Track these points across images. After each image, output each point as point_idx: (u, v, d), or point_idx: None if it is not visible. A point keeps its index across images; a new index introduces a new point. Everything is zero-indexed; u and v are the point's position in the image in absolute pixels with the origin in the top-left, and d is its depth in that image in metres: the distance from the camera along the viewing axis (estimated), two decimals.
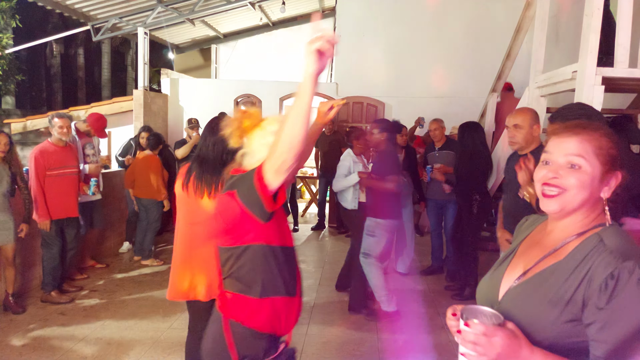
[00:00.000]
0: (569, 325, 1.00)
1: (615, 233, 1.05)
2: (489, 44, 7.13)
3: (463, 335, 0.99)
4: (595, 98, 3.08)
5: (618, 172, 1.07)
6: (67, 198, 4.10)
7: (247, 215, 1.52)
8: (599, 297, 0.95)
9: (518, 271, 1.15)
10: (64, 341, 3.36)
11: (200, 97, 7.99)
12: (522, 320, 1.04)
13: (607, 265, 0.97)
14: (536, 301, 1.05)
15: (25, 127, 8.84)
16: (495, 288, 1.17)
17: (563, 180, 1.05)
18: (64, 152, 4.10)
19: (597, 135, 1.06)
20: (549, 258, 1.09)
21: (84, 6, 7.33)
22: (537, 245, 1.17)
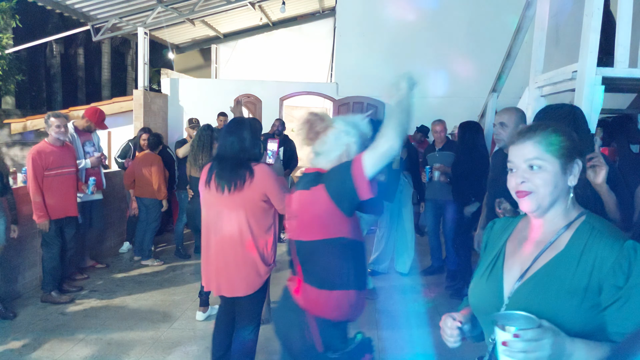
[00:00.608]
0: (592, 312, 1.05)
1: (597, 218, 1.15)
2: (489, 44, 7.13)
3: (511, 346, 0.96)
4: (595, 98, 3.08)
5: (578, 159, 1.15)
6: (65, 198, 4.09)
7: (333, 210, 1.65)
8: (615, 277, 1.03)
9: (517, 271, 1.17)
10: (64, 341, 3.36)
11: (200, 97, 7.99)
12: (544, 315, 1.05)
13: (612, 248, 1.05)
14: (553, 293, 1.08)
15: (25, 127, 8.84)
16: (497, 292, 1.18)
17: (530, 184, 1.13)
18: (61, 152, 4.09)
19: (546, 133, 1.14)
20: (547, 252, 1.13)
21: (84, 6, 7.33)
22: (527, 243, 1.20)
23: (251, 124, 2.51)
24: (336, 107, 7.77)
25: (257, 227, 2.39)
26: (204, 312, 3.80)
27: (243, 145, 2.37)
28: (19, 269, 4.16)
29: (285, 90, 7.88)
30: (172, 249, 5.76)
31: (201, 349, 3.29)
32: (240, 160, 2.36)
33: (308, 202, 1.71)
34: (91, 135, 4.82)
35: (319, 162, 1.79)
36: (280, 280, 4.35)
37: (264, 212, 2.41)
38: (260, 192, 2.37)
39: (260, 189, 2.36)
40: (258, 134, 2.56)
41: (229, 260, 2.41)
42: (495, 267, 1.23)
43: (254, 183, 2.34)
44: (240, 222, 2.37)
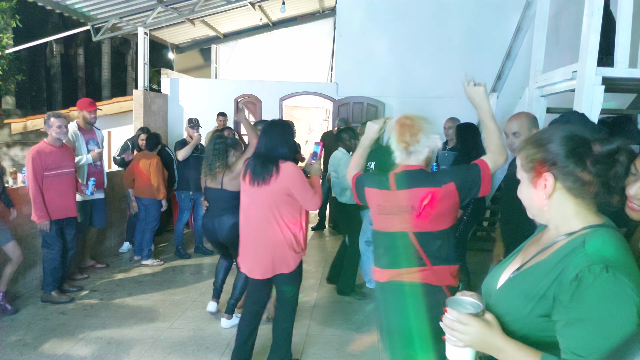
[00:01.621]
0: (541, 320, 1.06)
1: (603, 235, 1.05)
2: (489, 44, 7.13)
3: (444, 320, 1.10)
4: (595, 98, 3.08)
5: (546, 173, 1.09)
6: (65, 198, 4.08)
7: (457, 203, 1.97)
8: (564, 295, 1.00)
9: (516, 265, 1.21)
10: (64, 341, 3.36)
11: (200, 97, 7.99)
12: (504, 310, 1.12)
13: (576, 266, 1.00)
14: (515, 295, 1.12)
15: (26, 127, 8.84)
16: (495, 280, 1.24)
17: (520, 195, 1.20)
18: (60, 152, 4.08)
19: (527, 146, 1.15)
20: (538, 256, 1.15)
21: (84, 6, 7.32)
22: (536, 243, 1.23)
23: (283, 125, 2.79)
24: (336, 107, 7.77)
25: (282, 217, 2.66)
26: (217, 303, 3.86)
27: (273, 145, 2.67)
28: (19, 268, 4.16)
29: (285, 90, 7.88)
30: (172, 249, 5.77)
31: (201, 349, 3.30)
32: (270, 158, 2.65)
33: (440, 197, 1.94)
34: (94, 133, 4.81)
35: (411, 160, 2.04)
36: None
37: (288, 205, 2.67)
38: (284, 187, 2.63)
39: (284, 185, 2.63)
40: (288, 135, 2.77)
41: (261, 245, 2.70)
42: (508, 260, 1.27)
43: (279, 179, 2.62)
44: (267, 212, 2.66)
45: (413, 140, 2.02)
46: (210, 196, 3.64)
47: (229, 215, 3.52)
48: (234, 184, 3.53)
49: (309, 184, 2.71)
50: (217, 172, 3.54)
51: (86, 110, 4.68)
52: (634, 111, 4.40)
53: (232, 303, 3.67)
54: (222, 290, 3.92)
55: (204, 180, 3.67)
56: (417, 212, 1.93)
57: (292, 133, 2.88)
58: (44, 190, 3.94)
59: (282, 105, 7.96)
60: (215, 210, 3.60)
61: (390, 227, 2.01)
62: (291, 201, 2.67)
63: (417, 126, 2.04)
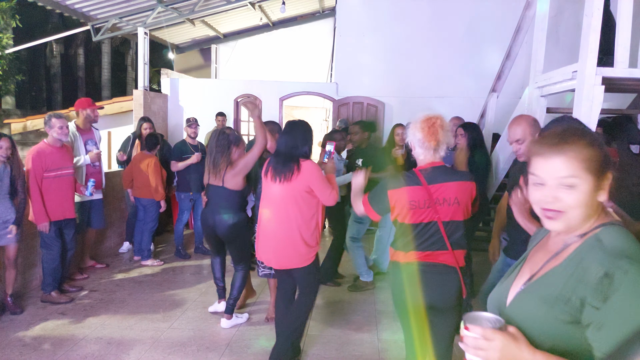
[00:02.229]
0: (569, 327, 1.00)
1: (615, 232, 1.04)
2: (489, 44, 7.13)
3: (465, 340, 1.01)
4: (595, 98, 3.08)
5: (609, 173, 1.05)
6: (64, 199, 4.07)
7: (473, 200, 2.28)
8: (594, 296, 0.95)
9: (525, 276, 1.16)
10: (64, 341, 3.36)
11: (200, 97, 7.99)
12: (524, 324, 1.05)
13: (601, 264, 0.97)
14: (534, 305, 1.06)
15: (26, 127, 8.84)
16: (504, 294, 1.18)
17: (562, 204, 1.04)
18: (60, 153, 4.07)
19: (581, 146, 1.04)
20: (552, 261, 1.10)
21: (84, 6, 7.33)
22: (542, 250, 1.18)
23: (303, 125, 2.92)
24: (336, 107, 7.77)
25: (301, 213, 2.82)
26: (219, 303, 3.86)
27: (294, 144, 2.83)
28: (19, 269, 4.16)
29: (285, 90, 7.88)
30: (172, 249, 5.76)
31: (201, 349, 3.30)
32: (292, 156, 2.81)
33: (467, 191, 2.23)
34: (93, 134, 4.80)
35: (436, 157, 2.24)
36: None
37: (308, 201, 2.83)
38: (305, 184, 2.79)
39: (305, 182, 2.79)
40: (309, 134, 2.93)
41: (279, 238, 2.85)
42: (513, 272, 1.23)
43: (300, 176, 2.78)
44: (288, 207, 2.81)
45: (444, 139, 2.21)
46: (212, 192, 3.62)
47: (229, 214, 3.51)
48: (235, 181, 3.51)
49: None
50: (221, 169, 3.53)
51: (89, 108, 4.68)
52: (634, 111, 4.40)
53: (231, 303, 3.67)
54: (226, 289, 3.88)
55: (207, 176, 3.65)
56: (456, 203, 2.19)
57: (312, 133, 3.00)
58: (43, 191, 3.92)
59: (282, 105, 7.96)
60: (215, 207, 3.57)
61: (421, 218, 2.19)
62: (310, 197, 2.82)
63: (446, 126, 2.23)
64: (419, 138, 2.21)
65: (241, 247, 3.66)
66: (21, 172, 3.84)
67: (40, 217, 3.90)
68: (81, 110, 4.67)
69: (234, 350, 3.29)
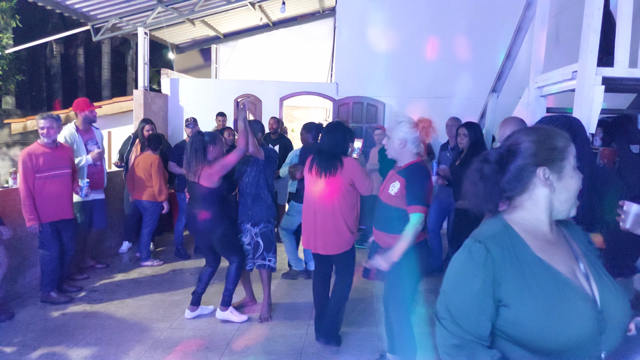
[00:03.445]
0: None
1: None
2: (489, 44, 7.13)
3: None
4: (595, 98, 3.08)
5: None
6: (58, 200, 4.03)
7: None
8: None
9: (580, 270, 1.23)
10: (64, 341, 3.36)
11: (200, 97, 7.99)
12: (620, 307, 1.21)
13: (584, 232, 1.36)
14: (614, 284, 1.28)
15: (26, 127, 8.84)
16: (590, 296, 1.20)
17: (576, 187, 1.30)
18: (54, 153, 4.02)
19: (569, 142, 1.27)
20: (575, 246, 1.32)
21: (84, 6, 7.32)
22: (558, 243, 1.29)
23: (342, 127, 3.25)
24: (336, 107, 7.77)
25: (346, 203, 3.15)
26: (192, 311, 3.83)
27: (336, 143, 3.15)
28: (19, 269, 4.16)
29: (285, 90, 7.88)
30: (172, 249, 5.76)
31: (201, 349, 3.30)
32: (334, 154, 3.14)
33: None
34: (93, 133, 4.79)
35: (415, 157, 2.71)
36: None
37: (349, 193, 3.16)
38: (348, 178, 3.12)
39: (348, 176, 3.12)
40: (346, 134, 3.24)
41: (324, 227, 3.18)
42: (567, 276, 1.15)
43: (344, 171, 3.11)
44: (334, 199, 3.14)
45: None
46: (191, 190, 3.73)
47: (203, 210, 3.60)
48: (210, 180, 3.56)
49: None
50: (197, 169, 3.58)
51: (87, 110, 4.67)
52: (634, 111, 4.39)
53: (226, 295, 3.73)
54: (201, 299, 3.87)
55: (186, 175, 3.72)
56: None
57: (349, 132, 3.30)
58: (36, 192, 3.89)
59: (282, 105, 7.96)
60: (192, 203, 3.71)
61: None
62: (352, 189, 3.16)
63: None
64: (416, 137, 2.61)
65: (224, 241, 3.68)
66: None
67: (30, 218, 3.86)
68: (79, 112, 4.65)
69: (234, 350, 3.29)
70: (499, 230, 1.18)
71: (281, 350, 3.30)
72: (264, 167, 3.74)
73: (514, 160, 1.19)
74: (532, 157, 1.17)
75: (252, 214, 3.74)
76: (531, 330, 1.06)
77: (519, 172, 1.18)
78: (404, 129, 2.66)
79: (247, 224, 3.76)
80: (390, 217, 2.70)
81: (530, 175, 1.18)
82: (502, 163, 1.21)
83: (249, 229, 3.76)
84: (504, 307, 1.10)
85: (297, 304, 4.17)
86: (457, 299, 1.13)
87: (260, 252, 3.77)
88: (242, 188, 3.78)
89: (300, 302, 4.22)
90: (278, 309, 4.04)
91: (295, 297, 4.34)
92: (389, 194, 2.71)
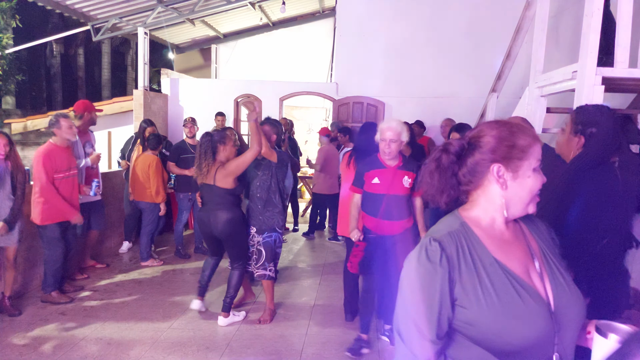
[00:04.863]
0: None
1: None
2: (489, 44, 7.13)
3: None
4: (595, 98, 3.08)
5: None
6: (70, 200, 4.06)
7: None
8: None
9: (536, 267, 1.23)
10: (64, 341, 3.36)
11: (200, 97, 7.99)
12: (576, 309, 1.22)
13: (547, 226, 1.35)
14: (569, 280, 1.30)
15: (26, 127, 8.84)
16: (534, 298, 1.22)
17: None
18: (67, 153, 4.06)
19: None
20: (536, 243, 1.33)
21: (84, 6, 7.33)
22: (505, 242, 1.26)
23: (375, 127, 3.34)
24: (336, 107, 7.77)
25: None
26: (200, 300, 3.88)
27: (371, 141, 3.28)
28: (19, 269, 4.16)
29: (285, 90, 7.88)
30: (172, 249, 5.77)
31: (201, 349, 3.30)
32: (369, 152, 3.32)
33: None
34: (89, 136, 4.79)
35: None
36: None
37: None
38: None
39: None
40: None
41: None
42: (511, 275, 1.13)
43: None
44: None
45: None
46: (205, 192, 3.68)
47: (224, 210, 3.59)
48: (227, 181, 3.56)
49: None
50: (210, 170, 3.57)
51: (93, 111, 4.71)
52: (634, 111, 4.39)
53: (227, 301, 3.71)
54: (207, 289, 3.97)
55: (197, 177, 3.70)
56: None
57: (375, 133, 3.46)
58: None
59: (282, 105, 7.96)
60: (211, 205, 3.65)
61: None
62: None
63: None
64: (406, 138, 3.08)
65: (238, 244, 3.69)
66: (20, 170, 3.77)
67: (71, 213, 4.00)
68: (86, 114, 4.66)
69: (234, 350, 3.29)
70: (455, 229, 1.14)
71: (281, 350, 3.31)
72: (276, 171, 3.68)
73: (472, 154, 1.15)
74: (489, 153, 1.13)
75: (263, 219, 3.69)
76: (485, 331, 1.05)
77: (475, 166, 1.15)
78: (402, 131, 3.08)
79: (252, 229, 3.74)
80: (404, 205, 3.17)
81: (484, 170, 1.14)
82: (461, 155, 1.17)
83: (253, 235, 3.74)
84: (460, 308, 1.08)
85: (297, 304, 4.18)
86: (416, 300, 1.08)
87: (262, 262, 3.73)
88: (252, 192, 3.71)
89: (300, 302, 4.22)
90: (278, 309, 4.04)
91: (295, 297, 4.34)
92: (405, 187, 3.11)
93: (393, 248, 3.12)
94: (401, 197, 3.11)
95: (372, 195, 3.14)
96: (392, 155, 3.09)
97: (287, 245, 6.20)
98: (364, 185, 3.18)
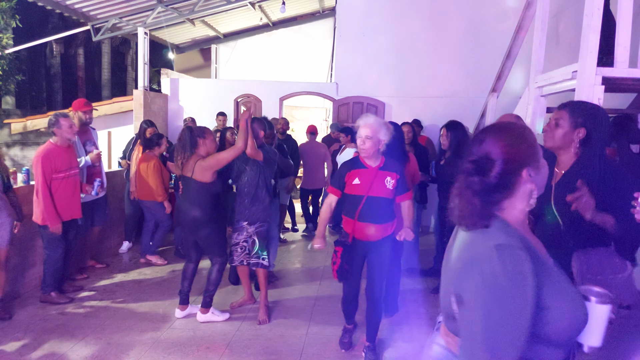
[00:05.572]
0: None
1: None
2: (489, 44, 7.13)
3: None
4: (595, 98, 3.08)
5: None
6: (72, 200, 4.05)
7: None
8: None
9: None
10: (64, 341, 3.36)
11: (200, 97, 7.99)
12: None
13: None
14: None
15: (26, 127, 8.83)
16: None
17: None
18: (68, 153, 4.05)
19: None
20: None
21: (84, 6, 7.33)
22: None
23: (395, 129, 3.43)
24: (336, 107, 7.77)
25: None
26: (182, 310, 3.83)
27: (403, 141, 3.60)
28: (18, 269, 4.16)
29: (285, 90, 7.88)
30: (172, 249, 5.76)
31: (201, 349, 3.30)
32: (403, 150, 3.72)
33: None
34: (90, 134, 4.79)
35: None
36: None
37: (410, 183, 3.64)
38: (415, 170, 3.93)
39: (414, 168, 3.91)
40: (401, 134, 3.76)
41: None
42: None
43: (410, 164, 3.85)
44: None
45: None
46: (184, 184, 3.70)
47: (195, 207, 3.57)
48: (205, 174, 3.55)
49: None
50: (188, 162, 3.58)
51: (81, 110, 4.62)
52: (634, 111, 4.39)
53: (206, 297, 3.73)
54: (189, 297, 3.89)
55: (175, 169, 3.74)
56: None
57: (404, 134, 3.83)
58: (52, 192, 3.90)
59: (282, 105, 7.96)
60: (184, 197, 3.67)
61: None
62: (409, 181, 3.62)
63: None
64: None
65: (210, 239, 3.66)
66: (6, 170, 3.74)
67: (52, 220, 3.85)
68: (74, 112, 4.65)
69: (234, 350, 3.29)
70: (512, 233, 1.15)
71: (281, 350, 3.30)
72: (263, 168, 3.75)
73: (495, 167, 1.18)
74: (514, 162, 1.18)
75: (250, 214, 3.75)
76: (559, 326, 1.11)
77: (506, 177, 1.19)
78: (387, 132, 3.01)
79: (243, 222, 3.78)
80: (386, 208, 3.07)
81: (516, 177, 1.19)
82: (485, 173, 1.19)
83: (245, 227, 3.78)
84: (541, 310, 1.09)
85: (297, 304, 4.17)
86: (506, 313, 1.05)
87: (256, 251, 3.78)
88: (240, 187, 3.79)
89: (300, 302, 4.22)
90: (278, 309, 4.04)
91: (295, 297, 4.34)
92: (387, 189, 2.98)
93: (369, 255, 3.04)
94: (381, 200, 2.95)
95: (352, 197, 3.00)
96: (368, 154, 2.94)
97: (287, 245, 6.20)
98: (345, 187, 3.03)
